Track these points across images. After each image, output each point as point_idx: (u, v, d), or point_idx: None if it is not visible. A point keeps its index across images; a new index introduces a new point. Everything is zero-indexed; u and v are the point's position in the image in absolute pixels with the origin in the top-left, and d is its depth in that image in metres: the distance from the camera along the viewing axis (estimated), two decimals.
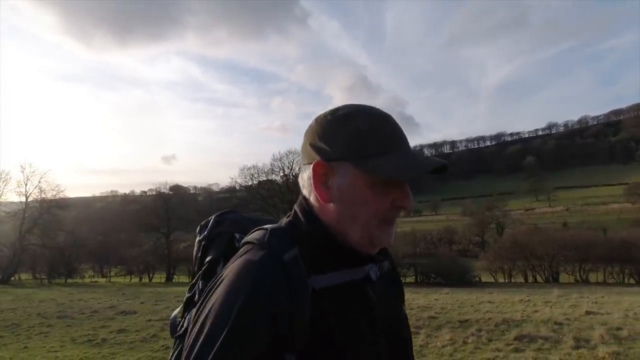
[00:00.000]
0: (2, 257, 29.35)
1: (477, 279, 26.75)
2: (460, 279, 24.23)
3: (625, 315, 5.73)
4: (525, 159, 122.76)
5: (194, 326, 0.58)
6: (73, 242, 32.17)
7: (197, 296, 0.84)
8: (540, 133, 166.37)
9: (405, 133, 0.67)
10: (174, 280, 31.08)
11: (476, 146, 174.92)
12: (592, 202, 75.30)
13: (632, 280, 24.21)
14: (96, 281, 30.75)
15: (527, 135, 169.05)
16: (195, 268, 0.90)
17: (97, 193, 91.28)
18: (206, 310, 0.58)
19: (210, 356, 0.53)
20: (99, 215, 51.97)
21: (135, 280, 31.57)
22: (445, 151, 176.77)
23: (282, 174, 31.46)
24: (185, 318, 0.84)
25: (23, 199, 30.37)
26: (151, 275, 32.37)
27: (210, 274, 0.83)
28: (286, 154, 31.43)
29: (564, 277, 26.02)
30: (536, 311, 6.56)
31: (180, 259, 32.13)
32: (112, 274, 35.80)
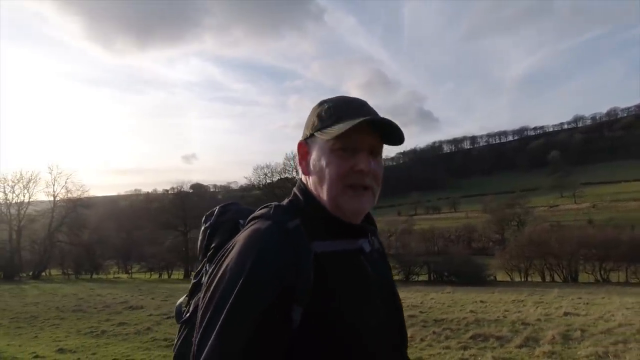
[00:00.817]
0: (33, 253, 31.22)
1: (491, 277, 26.33)
2: (474, 277, 23.94)
3: (600, 317, 5.74)
4: (549, 154, 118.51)
5: (209, 286, 0.67)
6: (97, 240, 33.76)
7: (204, 279, 0.90)
8: (566, 127, 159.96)
9: (424, 128, 0.80)
10: (191, 277, 32.16)
11: (498, 141, 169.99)
12: (621, 198, 72.07)
13: None
14: (119, 277, 32.17)
15: (551, 129, 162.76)
16: (200, 256, 1.01)
17: (122, 192, 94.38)
18: (221, 270, 0.67)
19: (227, 307, 0.61)
20: (123, 213, 53.85)
21: (155, 276, 32.81)
22: (466, 147, 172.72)
23: (295, 173, 31.70)
24: (190, 304, 0.93)
25: (51, 199, 32.17)
26: (170, 272, 33.54)
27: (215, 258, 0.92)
28: None
29: (583, 277, 25.13)
30: (519, 312, 6.61)
31: (197, 256, 33.17)
32: (134, 270, 37.32)
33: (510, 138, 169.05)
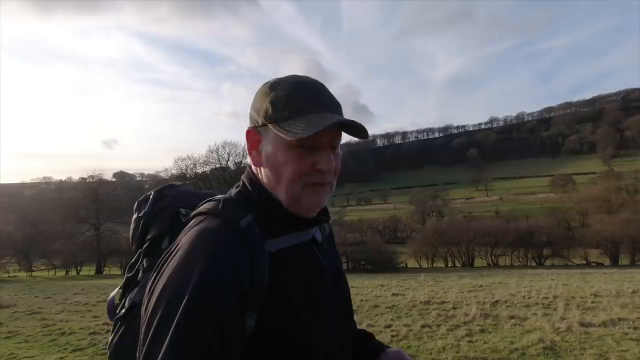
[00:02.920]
0: None
1: (403, 264, 28.57)
2: (387, 265, 25.76)
3: (408, 296, 6.73)
4: (468, 151, 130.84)
5: (150, 298, 0.57)
6: None
7: (140, 274, 0.82)
8: (483, 127, 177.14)
9: (359, 122, 0.67)
10: (104, 273, 30.30)
11: (425, 137, 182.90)
12: (522, 192, 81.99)
13: (532, 263, 27.30)
14: (15, 276, 29.15)
15: (471, 129, 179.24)
16: (134, 247, 0.88)
17: (28, 179, 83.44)
18: (163, 281, 0.57)
19: (174, 322, 0.52)
20: (28, 204, 48.47)
21: (61, 274, 30.30)
22: (397, 141, 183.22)
23: (218, 165, 31.14)
24: (126, 299, 0.82)
25: None
26: (79, 268, 31.25)
27: (153, 251, 0.82)
28: (222, 145, 31.01)
29: (478, 262, 28.48)
30: (364, 294, 7.43)
31: (112, 251, 31.31)
32: (39, 267, 33.97)
33: (436, 135, 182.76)
